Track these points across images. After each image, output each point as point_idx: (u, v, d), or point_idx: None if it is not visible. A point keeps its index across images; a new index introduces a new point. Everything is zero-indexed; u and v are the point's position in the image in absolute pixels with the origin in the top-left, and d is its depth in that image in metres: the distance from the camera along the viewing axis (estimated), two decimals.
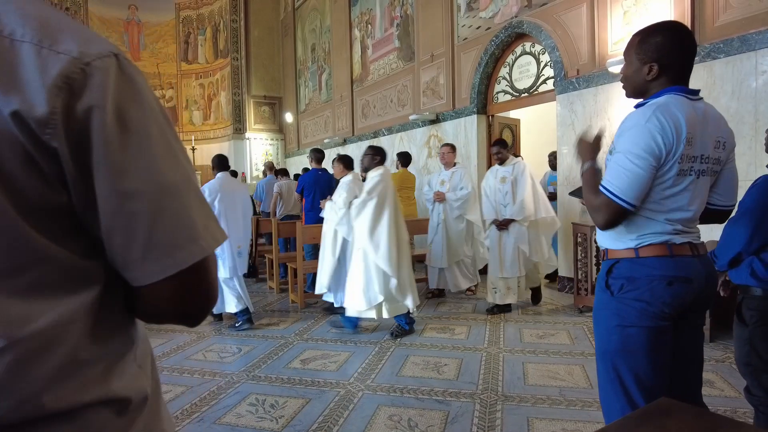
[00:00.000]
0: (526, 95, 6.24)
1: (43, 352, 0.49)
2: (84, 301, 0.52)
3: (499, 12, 6.34)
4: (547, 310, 4.76)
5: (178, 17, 14.63)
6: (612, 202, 1.41)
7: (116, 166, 0.49)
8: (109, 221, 0.51)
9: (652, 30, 1.50)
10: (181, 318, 0.60)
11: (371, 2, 9.33)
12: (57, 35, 0.48)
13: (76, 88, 0.47)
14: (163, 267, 0.53)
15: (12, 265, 0.48)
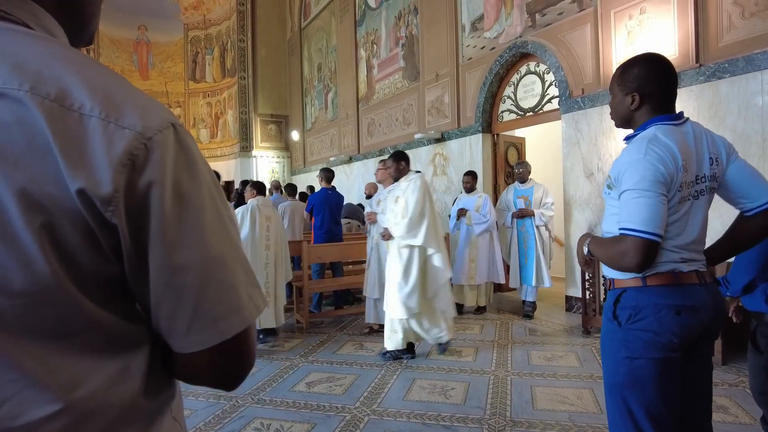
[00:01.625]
0: (531, 114, 6.26)
1: (95, 413, 0.50)
2: (129, 364, 0.53)
3: (504, 32, 6.40)
4: (556, 331, 4.70)
5: (187, 37, 14.89)
6: (639, 239, 1.36)
7: (170, 240, 0.50)
8: (159, 293, 0.52)
9: (630, 62, 1.53)
10: (218, 383, 0.60)
11: (376, 23, 9.46)
12: (121, 107, 0.49)
13: (138, 164, 0.48)
14: (207, 338, 0.54)
15: (64, 331, 0.49)
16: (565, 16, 5.50)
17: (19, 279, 0.45)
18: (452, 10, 7.22)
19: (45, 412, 0.47)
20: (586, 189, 5.27)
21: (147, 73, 14.70)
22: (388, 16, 9.03)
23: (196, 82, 14.91)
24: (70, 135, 0.45)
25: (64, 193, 0.45)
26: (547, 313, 5.41)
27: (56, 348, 0.48)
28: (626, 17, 4.81)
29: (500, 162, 6.76)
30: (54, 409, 0.47)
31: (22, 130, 0.45)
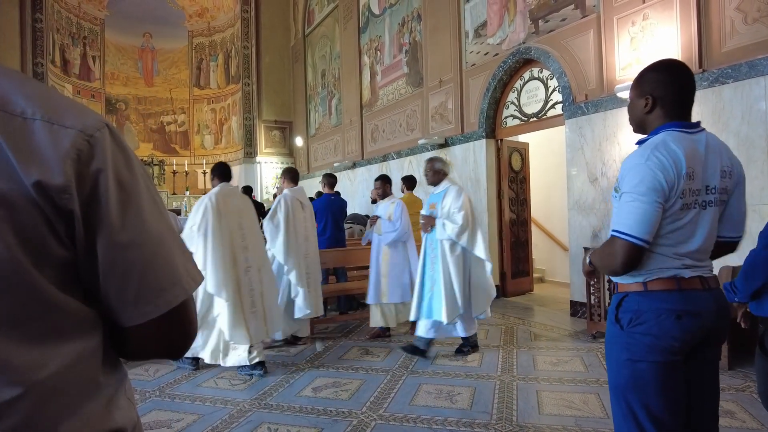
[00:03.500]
0: (535, 120, 6.28)
1: (57, 393, 0.54)
2: (88, 345, 0.58)
3: (507, 38, 6.44)
4: (561, 335, 4.70)
5: (191, 44, 15.01)
6: (625, 242, 1.42)
7: (117, 221, 0.56)
8: (108, 269, 0.57)
9: (649, 66, 1.56)
10: (164, 353, 0.67)
11: (380, 29, 9.52)
12: (61, 111, 0.55)
13: (83, 158, 0.54)
14: (153, 308, 0.60)
15: (26, 314, 0.52)
16: (568, 23, 5.54)
17: None
18: (455, 17, 7.27)
19: (8, 396, 0.50)
20: (590, 194, 5.28)
21: (152, 79, 14.81)
22: (392, 23, 9.09)
23: (200, 88, 15.00)
24: (18, 136, 0.51)
25: (19, 186, 0.50)
26: (552, 318, 5.40)
27: (15, 335, 0.51)
28: (629, 23, 4.83)
29: (504, 168, 6.78)
30: (16, 392, 0.50)
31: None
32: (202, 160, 14.07)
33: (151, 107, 14.76)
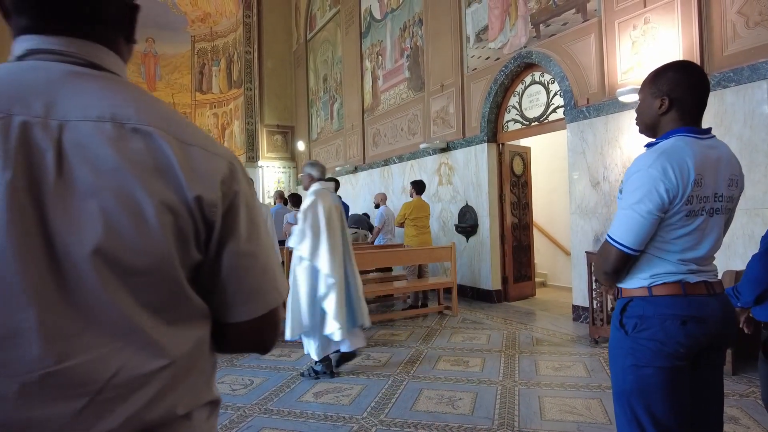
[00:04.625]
0: (537, 124, 6.28)
1: (185, 368, 0.66)
2: (204, 333, 0.70)
3: (508, 43, 6.44)
4: (563, 340, 4.68)
5: (194, 49, 15.07)
6: (614, 248, 1.46)
7: (243, 234, 0.69)
8: (229, 272, 0.69)
9: (665, 67, 1.52)
10: (255, 348, 0.80)
11: (381, 34, 9.54)
12: (210, 142, 0.69)
13: (228, 180, 0.67)
14: (258, 307, 0.73)
15: (171, 302, 0.65)
16: (570, 27, 5.54)
17: (147, 261, 0.60)
18: (457, 22, 7.28)
19: (157, 365, 0.62)
20: (592, 198, 5.27)
21: (154, 84, 14.86)
22: (393, 28, 9.11)
23: (202, 93, 15.05)
24: (186, 159, 0.63)
25: (183, 198, 0.62)
26: (554, 323, 5.38)
27: (164, 318, 0.64)
28: (630, 27, 4.83)
29: (506, 172, 6.77)
30: (162, 363, 0.63)
31: (152, 155, 0.61)
32: None
33: None
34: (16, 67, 0.63)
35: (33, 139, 0.57)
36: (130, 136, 0.61)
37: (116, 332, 0.60)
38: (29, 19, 0.65)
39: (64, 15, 0.65)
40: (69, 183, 0.57)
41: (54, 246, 0.57)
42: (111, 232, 0.58)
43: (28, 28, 0.65)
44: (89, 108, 0.61)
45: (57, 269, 0.57)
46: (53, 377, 0.56)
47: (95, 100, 0.62)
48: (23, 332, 0.55)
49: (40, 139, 0.57)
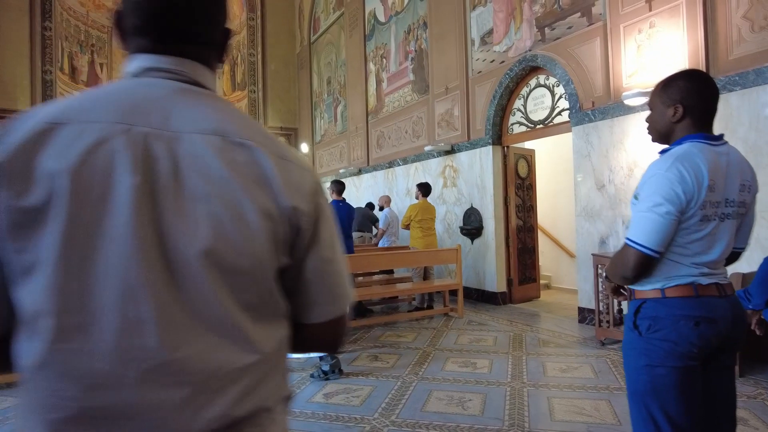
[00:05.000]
0: (542, 126, 6.31)
1: (271, 364, 0.71)
2: (285, 332, 0.76)
3: (513, 46, 6.48)
4: (569, 342, 4.71)
5: None
6: (637, 252, 1.46)
7: (326, 241, 0.75)
8: (311, 276, 0.75)
9: (675, 76, 1.56)
10: (327, 348, 0.87)
11: (386, 37, 9.58)
12: (300, 158, 0.76)
13: (317, 192, 0.75)
14: (335, 309, 0.79)
15: (263, 301, 0.70)
16: (575, 30, 5.58)
17: (248, 262, 0.66)
18: (461, 25, 7.32)
19: (251, 360, 0.68)
20: (597, 201, 5.30)
21: None
22: (398, 31, 9.16)
23: None
24: (283, 172, 0.70)
25: (281, 207, 0.69)
26: (560, 325, 5.41)
27: (256, 316, 0.69)
28: (636, 31, 4.87)
29: (510, 174, 6.81)
30: (254, 358, 0.68)
31: (254, 167, 0.68)
32: None
33: None
34: (135, 83, 0.71)
35: (152, 148, 0.64)
36: (234, 149, 0.68)
37: (218, 327, 0.65)
38: (148, 41, 0.72)
39: (178, 38, 0.73)
40: (183, 189, 0.64)
41: (167, 245, 0.63)
42: (218, 235, 0.64)
43: (145, 48, 0.72)
44: (199, 122, 0.68)
45: (169, 267, 0.63)
46: (167, 366, 0.62)
47: (203, 115, 0.69)
48: (144, 323, 0.61)
49: (158, 149, 0.64)
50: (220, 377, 0.65)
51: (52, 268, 0.59)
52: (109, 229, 0.61)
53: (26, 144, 0.61)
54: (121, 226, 0.61)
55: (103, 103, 0.66)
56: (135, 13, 0.72)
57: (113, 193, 0.61)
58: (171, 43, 0.73)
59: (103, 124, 0.63)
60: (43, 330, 0.60)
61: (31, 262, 0.60)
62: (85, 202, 0.60)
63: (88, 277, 0.60)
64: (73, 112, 0.64)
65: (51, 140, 0.61)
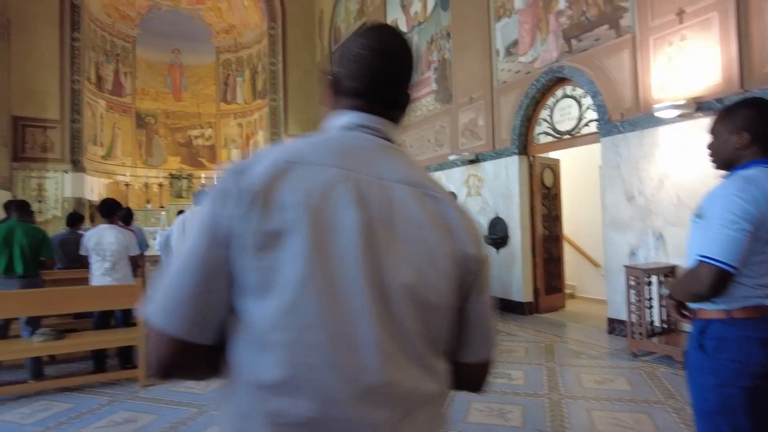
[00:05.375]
0: (569, 137, 6.34)
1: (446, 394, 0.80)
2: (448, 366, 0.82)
3: (539, 57, 6.53)
4: (601, 353, 4.72)
5: (218, 60, 15.36)
6: (714, 267, 1.48)
7: (486, 285, 0.84)
8: (472, 318, 0.83)
9: (739, 104, 1.62)
10: (476, 387, 0.91)
11: None
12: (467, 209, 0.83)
13: (482, 239, 0.86)
14: (488, 352, 0.87)
15: (440, 337, 0.78)
16: (602, 42, 5.61)
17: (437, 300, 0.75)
18: (486, 36, 7.39)
19: (435, 389, 0.76)
20: (627, 212, 5.31)
21: (180, 95, 15.17)
22: (420, 41, 9.25)
23: (227, 103, 15.32)
24: (463, 221, 0.80)
25: (462, 253, 0.78)
26: (590, 336, 5.41)
27: (436, 349, 0.78)
28: (666, 43, 4.90)
29: (536, 184, 6.84)
30: (438, 387, 0.77)
31: (442, 216, 0.78)
32: None
33: (179, 122, 15.10)
34: (349, 136, 0.82)
35: (367, 191, 0.74)
36: (426, 199, 0.78)
37: (413, 355, 0.73)
38: (363, 102, 0.84)
39: (386, 103, 0.85)
40: (393, 228, 0.74)
41: (380, 276, 0.71)
42: (418, 273, 0.73)
43: (358, 107, 0.84)
44: (398, 173, 0.78)
45: (381, 296, 0.71)
46: (382, 387, 0.69)
47: (401, 168, 0.80)
48: (368, 345, 0.69)
49: (371, 192, 0.74)
50: (414, 402, 0.72)
51: (294, 288, 0.67)
52: (338, 256, 0.69)
53: (271, 178, 0.71)
54: (349, 254, 0.70)
55: (326, 149, 0.78)
56: (359, 80, 0.83)
57: (340, 225, 0.70)
58: (380, 106, 0.84)
59: (328, 167, 0.74)
60: (282, 344, 0.67)
61: (269, 280, 0.68)
62: (319, 231, 0.69)
63: (324, 297, 0.68)
64: (303, 154, 0.75)
65: (288, 177, 0.72)
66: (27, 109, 11.02)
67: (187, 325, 0.69)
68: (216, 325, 0.71)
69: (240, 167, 0.74)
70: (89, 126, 12.42)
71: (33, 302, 3.76)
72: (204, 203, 0.74)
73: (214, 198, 0.72)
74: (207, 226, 0.71)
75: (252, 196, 0.70)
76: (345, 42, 0.89)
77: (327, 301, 0.68)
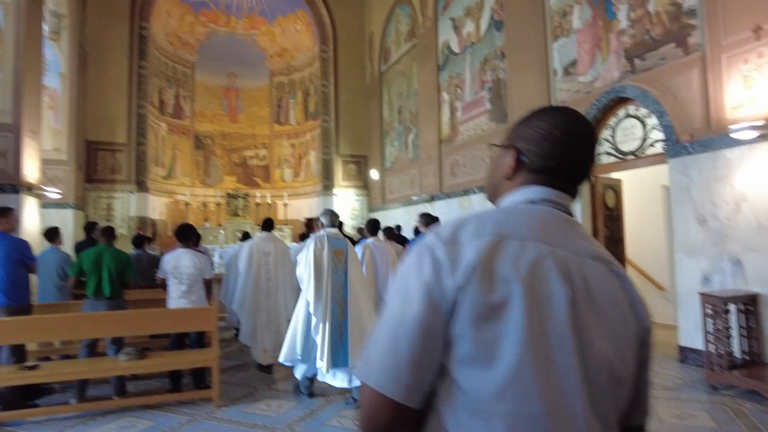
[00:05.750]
0: (632, 157, 6.19)
1: None
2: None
3: (599, 76, 6.43)
4: (676, 384, 4.52)
5: (272, 83, 15.92)
6: None
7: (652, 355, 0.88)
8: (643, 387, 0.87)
9: None
10: None
11: (460, 67, 9.73)
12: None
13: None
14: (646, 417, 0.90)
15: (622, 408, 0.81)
16: (668, 61, 5.48)
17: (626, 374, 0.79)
18: (542, 56, 7.35)
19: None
20: (698, 236, 5.11)
21: (236, 116, 15.78)
22: (473, 61, 9.29)
23: (280, 124, 15.81)
24: (640, 297, 0.83)
25: (642, 328, 0.82)
26: (659, 364, 5.20)
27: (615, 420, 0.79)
28: (741, 62, 4.73)
29: (599, 205, 6.69)
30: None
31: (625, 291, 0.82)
32: (282, 192, 14.75)
33: (235, 143, 15.69)
34: (539, 210, 0.85)
35: (569, 266, 0.77)
36: (613, 276, 0.81)
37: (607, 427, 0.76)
38: (552, 179, 0.88)
39: (572, 180, 0.90)
40: (594, 304, 0.77)
41: (584, 351, 0.74)
42: (615, 348, 0.77)
43: (546, 183, 0.88)
44: (588, 248, 0.82)
45: (586, 370, 0.74)
46: None
47: (587, 242, 0.83)
48: (577, 420, 0.72)
49: (572, 268, 0.78)
50: None
51: (515, 360, 0.70)
52: (552, 330, 0.72)
53: (488, 251, 0.74)
54: (561, 328, 0.73)
55: (528, 224, 0.81)
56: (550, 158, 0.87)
57: (552, 299, 0.73)
58: (566, 182, 0.89)
59: (536, 243, 0.77)
60: (502, 414, 0.70)
61: (490, 351, 0.71)
62: (535, 305, 0.72)
63: (542, 369, 0.71)
64: (510, 228, 0.79)
65: (503, 250, 0.75)
66: (99, 133, 11.77)
67: (405, 390, 0.73)
68: (426, 389, 0.75)
69: (449, 237, 0.77)
70: (152, 148, 13.10)
71: (120, 323, 3.99)
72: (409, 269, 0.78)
73: (425, 266, 0.75)
74: (423, 295, 0.74)
75: (471, 269, 0.73)
76: (530, 119, 0.92)
77: (544, 374, 0.71)
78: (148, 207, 12.40)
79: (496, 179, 0.95)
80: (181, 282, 4.49)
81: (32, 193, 7.33)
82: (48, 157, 9.28)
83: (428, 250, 0.77)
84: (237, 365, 5.55)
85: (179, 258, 4.52)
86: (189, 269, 4.49)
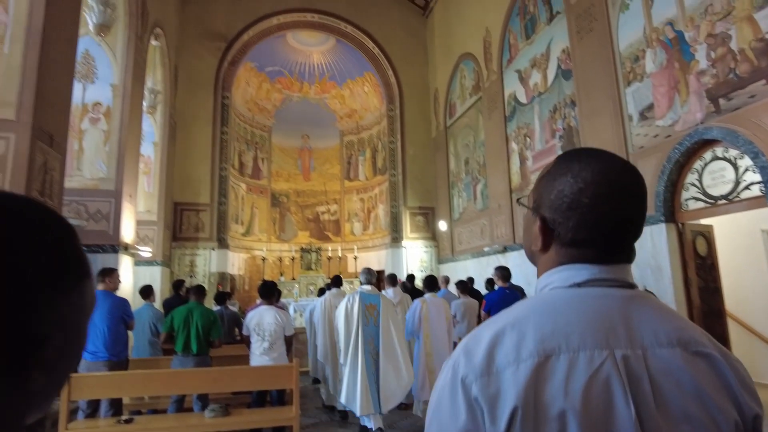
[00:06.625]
0: (724, 202, 5.78)
1: None
2: None
3: (680, 119, 6.17)
4: None
5: (342, 142, 16.64)
6: None
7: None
8: None
9: None
10: None
11: (528, 117, 9.71)
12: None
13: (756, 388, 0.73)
14: None
15: None
16: (758, 99, 5.17)
17: None
18: (616, 101, 7.19)
19: None
20: None
21: (309, 175, 16.54)
22: (542, 110, 9.25)
23: (350, 180, 16.37)
24: (738, 376, 0.69)
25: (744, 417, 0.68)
26: None
27: None
28: None
29: (689, 253, 6.23)
30: None
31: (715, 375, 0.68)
32: (353, 245, 15.03)
33: (308, 199, 16.37)
34: (588, 297, 0.70)
35: (633, 370, 0.65)
36: (696, 360, 0.68)
37: None
38: (593, 252, 0.73)
39: (623, 249, 0.74)
40: (667, 410, 0.64)
41: None
42: None
43: (588, 258, 0.73)
44: (657, 333, 0.68)
45: None
46: None
47: (656, 324, 0.69)
48: None
49: (637, 370, 0.65)
50: None
51: None
52: None
53: (532, 380, 0.63)
54: None
55: (575, 323, 0.68)
56: (582, 230, 0.72)
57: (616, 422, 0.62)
58: (616, 253, 0.73)
59: (589, 352, 0.65)
60: None
61: None
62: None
63: None
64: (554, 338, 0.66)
65: (550, 378, 0.64)
66: (185, 194, 12.71)
67: None
68: None
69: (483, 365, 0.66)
70: (232, 207, 13.93)
71: (206, 380, 4.13)
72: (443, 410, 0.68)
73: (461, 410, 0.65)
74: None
75: (514, 412, 0.62)
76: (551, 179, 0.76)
77: None
78: (227, 263, 13.04)
79: (530, 248, 0.80)
80: (263, 339, 4.62)
81: (128, 252, 7.97)
82: (141, 218, 10.11)
83: (462, 386, 0.66)
84: (314, 423, 5.53)
85: (262, 315, 4.67)
86: (272, 326, 4.62)
